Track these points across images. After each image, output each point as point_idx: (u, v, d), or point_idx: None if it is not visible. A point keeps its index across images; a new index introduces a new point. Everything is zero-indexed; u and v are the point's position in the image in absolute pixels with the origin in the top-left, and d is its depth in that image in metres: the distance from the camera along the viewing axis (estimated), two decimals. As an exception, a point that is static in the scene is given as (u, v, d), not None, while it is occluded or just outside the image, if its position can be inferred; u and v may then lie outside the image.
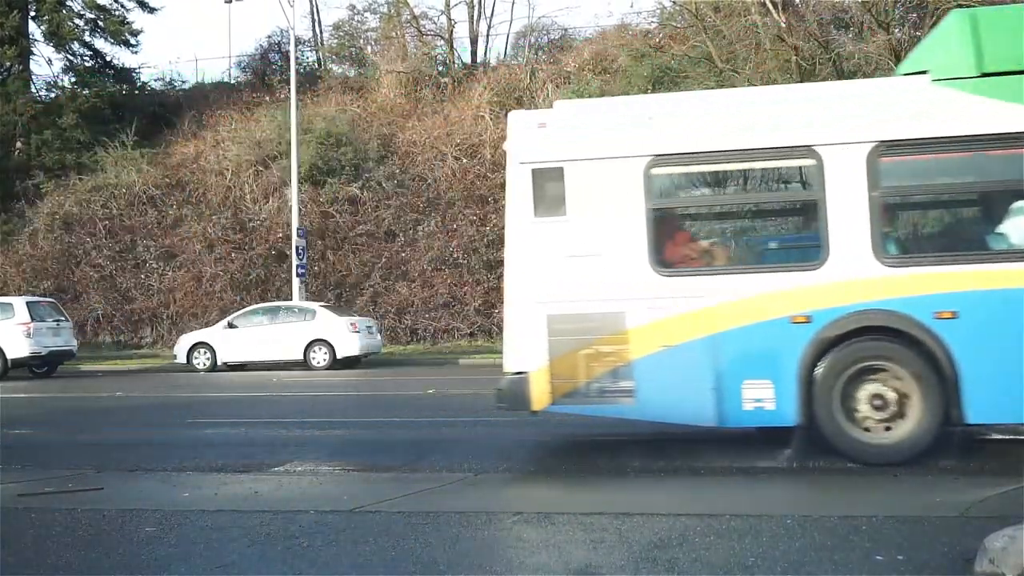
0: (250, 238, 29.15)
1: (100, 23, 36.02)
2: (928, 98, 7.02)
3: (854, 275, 6.90)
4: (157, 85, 39.15)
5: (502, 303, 23.26)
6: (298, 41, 33.03)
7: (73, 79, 36.29)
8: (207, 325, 24.81)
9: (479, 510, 5.53)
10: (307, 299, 24.69)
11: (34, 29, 36.13)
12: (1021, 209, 6.93)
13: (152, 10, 37.08)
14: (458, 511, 5.51)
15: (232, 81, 39.33)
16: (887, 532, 4.73)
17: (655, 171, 7.30)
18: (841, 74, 26.37)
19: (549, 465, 7.38)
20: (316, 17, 39.70)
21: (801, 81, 25.87)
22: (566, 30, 36.50)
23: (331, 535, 5.11)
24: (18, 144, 34.26)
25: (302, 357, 21.56)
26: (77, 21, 35.77)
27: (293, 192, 25.89)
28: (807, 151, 7.11)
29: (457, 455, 7.92)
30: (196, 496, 6.36)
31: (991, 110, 6.80)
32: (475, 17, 36.58)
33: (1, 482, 6.96)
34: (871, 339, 6.94)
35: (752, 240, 8.44)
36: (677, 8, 30.14)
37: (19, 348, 19.88)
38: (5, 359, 19.91)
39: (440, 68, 35.86)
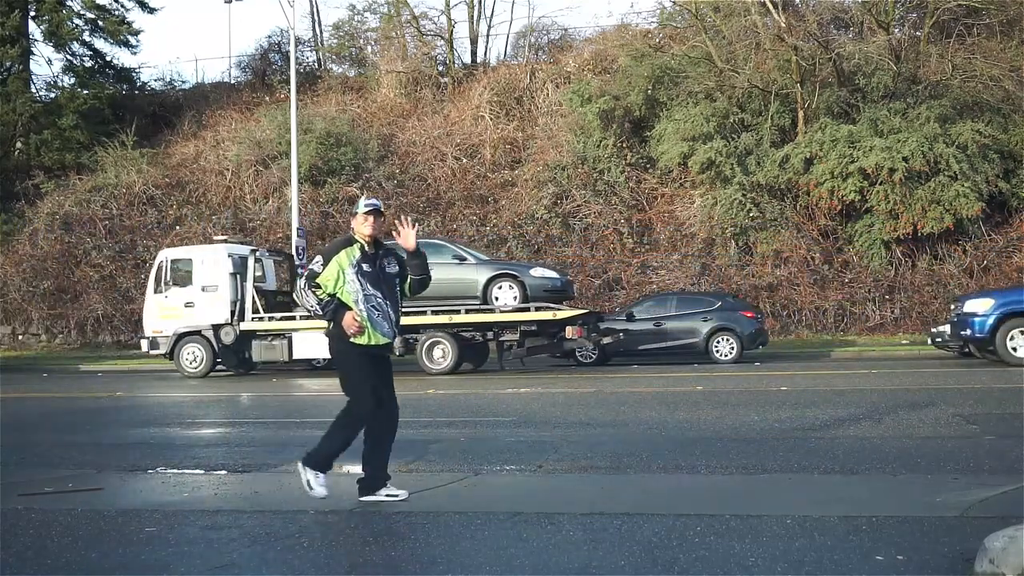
0: (250, 238, 29.13)
1: (100, 23, 36.05)
2: None
3: None
4: (157, 85, 39.23)
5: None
6: (298, 41, 33.03)
7: (73, 79, 36.30)
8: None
9: (479, 510, 5.52)
10: (307, 299, 24.65)
11: (34, 29, 36.18)
12: None
13: (152, 10, 37.15)
14: (458, 511, 5.51)
15: (232, 81, 39.35)
16: (887, 532, 4.72)
17: None
18: (841, 74, 26.35)
19: (549, 465, 7.38)
20: (316, 17, 39.77)
21: (801, 82, 25.88)
22: (566, 30, 36.58)
23: (331, 535, 5.10)
24: (18, 144, 34.28)
25: (302, 357, 21.51)
26: (77, 21, 35.80)
27: (293, 192, 25.87)
28: None
29: (457, 455, 7.92)
30: (196, 496, 6.36)
31: None
32: (475, 17, 36.62)
33: (1, 482, 6.95)
34: None
35: None
36: (677, 8, 30.16)
37: None
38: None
39: (440, 68, 35.87)
